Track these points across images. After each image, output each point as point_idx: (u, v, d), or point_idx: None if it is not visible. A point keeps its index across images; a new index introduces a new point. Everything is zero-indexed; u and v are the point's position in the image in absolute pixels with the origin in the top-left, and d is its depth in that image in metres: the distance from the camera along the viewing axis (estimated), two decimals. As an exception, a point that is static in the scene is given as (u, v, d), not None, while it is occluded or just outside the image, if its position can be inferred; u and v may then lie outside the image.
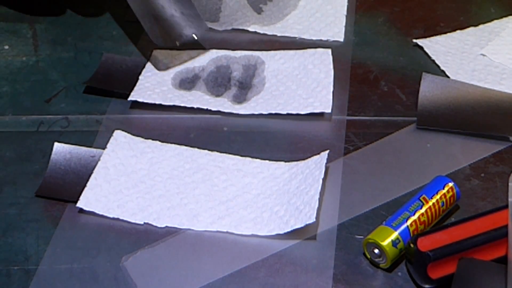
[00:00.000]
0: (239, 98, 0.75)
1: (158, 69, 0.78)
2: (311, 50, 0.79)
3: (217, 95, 0.75)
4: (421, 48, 0.82)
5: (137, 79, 0.77)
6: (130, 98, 0.74)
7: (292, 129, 0.71)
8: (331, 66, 0.77)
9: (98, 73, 0.78)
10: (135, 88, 0.75)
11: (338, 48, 0.82)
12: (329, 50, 0.79)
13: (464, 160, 0.68)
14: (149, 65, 0.79)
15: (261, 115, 0.73)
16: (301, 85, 0.76)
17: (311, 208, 0.60)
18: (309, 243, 0.60)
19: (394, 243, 0.57)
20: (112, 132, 0.69)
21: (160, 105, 0.73)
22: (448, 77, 0.77)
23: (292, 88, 0.75)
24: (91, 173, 0.65)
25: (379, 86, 0.77)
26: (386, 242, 0.57)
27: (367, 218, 0.62)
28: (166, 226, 0.62)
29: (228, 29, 0.85)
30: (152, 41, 0.78)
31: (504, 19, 0.86)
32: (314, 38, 0.84)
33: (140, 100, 0.74)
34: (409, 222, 0.58)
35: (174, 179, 0.66)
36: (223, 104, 0.74)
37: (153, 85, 0.76)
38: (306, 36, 0.84)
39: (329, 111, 0.72)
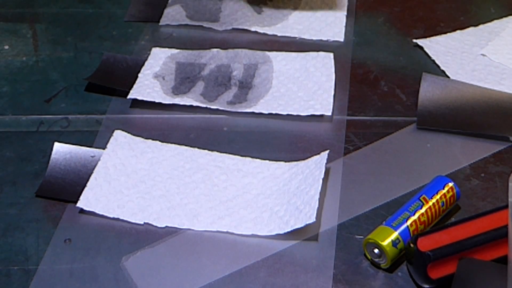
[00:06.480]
0: (239, 98, 0.75)
1: (158, 66, 0.78)
2: (314, 53, 0.79)
3: (217, 95, 0.75)
4: (421, 48, 0.82)
5: (137, 77, 0.77)
6: (129, 96, 0.74)
7: (292, 129, 0.71)
8: (333, 69, 0.77)
9: (99, 70, 0.78)
10: (134, 86, 0.75)
11: (338, 48, 0.82)
12: (331, 54, 0.79)
13: (464, 160, 0.68)
14: (148, 63, 0.79)
15: (261, 114, 0.73)
16: (302, 87, 0.76)
17: (311, 208, 0.60)
18: (309, 243, 0.60)
19: (394, 243, 0.57)
20: (112, 132, 0.70)
21: (160, 104, 0.74)
22: (448, 77, 0.77)
23: (293, 90, 0.75)
24: (91, 173, 0.65)
25: (379, 86, 0.77)
26: (386, 242, 0.57)
27: (367, 218, 0.62)
28: (166, 226, 0.62)
29: (228, 29, 0.85)
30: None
31: (504, 19, 0.86)
32: (314, 38, 0.84)
33: (139, 98, 0.74)
34: (409, 222, 0.58)
35: (174, 179, 0.66)
36: (223, 103, 0.74)
37: (153, 83, 0.76)
38: (306, 36, 0.84)
39: (329, 113, 0.72)
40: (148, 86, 0.76)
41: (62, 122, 0.73)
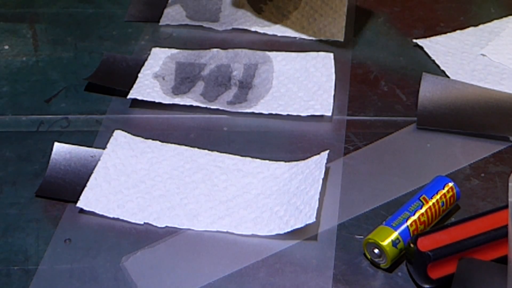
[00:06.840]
0: (239, 98, 0.75)
1: (158, 66, 0.78)
2: (314, 53, 0.79)
3: (217, 95, 0.75)
4: (421, 48, 0.82)
5: (137, 77, 0.77)
6: (129, 96, 0.74)
7: (292, 129, 0.71)
8: (333, 70, 0.77)
9: (99, 70, 0.78)
10: (134, 86, 0.75)
11: (338, 48, 0.82)
12: (331, 54, 0.79)
13: (464, 160, 0.68)
14: (148, 63, 0.79)
15: (261, 115, 0.73)
16: (302, 87, 0.76)
17: (311, 208, 0.60)
18: (309, 243, 0.60)
19: (394, 243, 0.57)
20: (112, 132, 0.70)
21: (160, 104, 0.74)
22: (448, 77, 0.77)
23: (293, 90, 0.75)
24: (91, 173, 0.65)
25: (379, 86, 0.77)
26: (386, 242, 0.57)
27: (367, 218, 0.62)
28: (166, 226, 0.62)
29: (228, 29, 0.85)
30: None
31: (504, 19, 0.86)
32: (314, 38, 0.84)
33: (139, 98, 0.74)
34: (409, 222, 0.58)
35: (174, 179, 0.66)
36: (223, 103, 0.74)
37: (153, 83, 0.76)
38: (306, 36, 0.84)
39: (329, 114, 0.72)
40: (148, 86, 0.76)
41: (62, 122, 0.73)
